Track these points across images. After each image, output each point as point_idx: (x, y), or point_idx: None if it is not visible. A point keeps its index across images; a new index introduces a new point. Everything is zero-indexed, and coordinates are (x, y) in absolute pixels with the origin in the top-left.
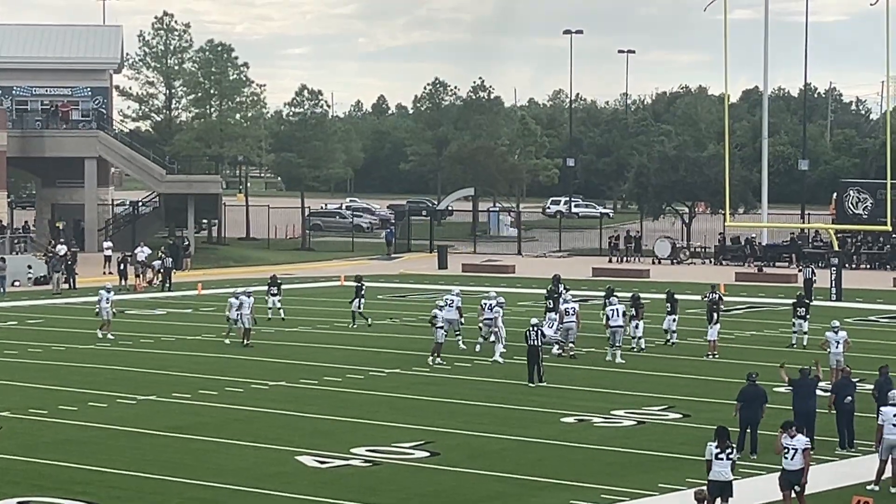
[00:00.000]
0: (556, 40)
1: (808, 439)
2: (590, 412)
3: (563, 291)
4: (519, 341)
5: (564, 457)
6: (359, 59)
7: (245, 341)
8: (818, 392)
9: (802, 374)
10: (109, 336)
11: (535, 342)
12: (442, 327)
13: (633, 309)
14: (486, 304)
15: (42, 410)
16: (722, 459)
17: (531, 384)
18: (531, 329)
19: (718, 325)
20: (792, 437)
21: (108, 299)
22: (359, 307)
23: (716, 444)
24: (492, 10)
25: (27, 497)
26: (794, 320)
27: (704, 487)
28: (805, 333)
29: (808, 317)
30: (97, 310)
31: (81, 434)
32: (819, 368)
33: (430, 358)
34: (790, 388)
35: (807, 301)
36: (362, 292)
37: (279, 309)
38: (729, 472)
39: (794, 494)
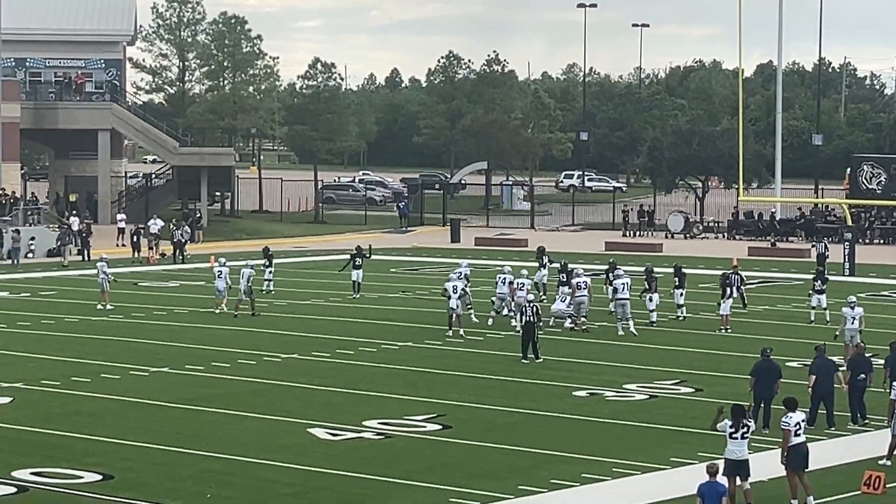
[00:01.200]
0: (569, 13)
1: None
2: (602, 386)
3: (549, 262)
4: None
5: (576, 430)
6: (371, 32)
7: (237, 311)
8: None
9: (818, 351)
10: (108, 306)
11: (531, 318)
12: (461, 295)
13: (647, 283)
14: (501, 278)
15: (55, 382)
16: (736, 438)
17: (524, 360)
18: (527, 305)
19: (731, 300)
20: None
21: (105, 270)
22: (359, 278)
23: (730, 422)
24: None
25: (40, 468)
26: (811, 293)
27: (718, 462)
28: (825, 309)
29: (825, 290)
30: (106, 280)
31: (94, 406)
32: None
33: (450, 331)
34: (812, 374)
35: (825, 276)
36: (360, 262)
37: (269, 282)
38: (745, 451)
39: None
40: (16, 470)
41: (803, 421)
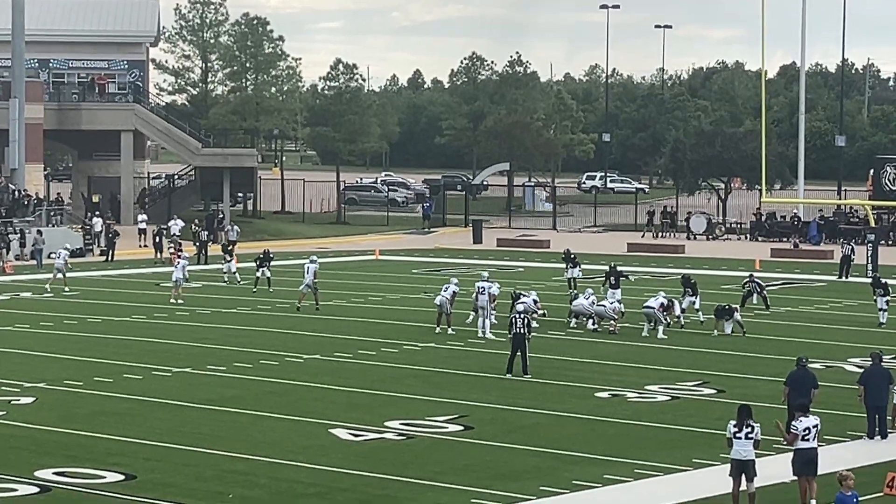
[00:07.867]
0: (591, 15)
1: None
2: (624, 387)
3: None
4: (551, 318)
5: (598, 431)
6: (393, 33)
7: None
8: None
9: (873, 359)
10: (48, 287)
11: (521, 330)
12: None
13: (688, 288)
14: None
15: (78, 382)
16: (741, 438)
17: (509, 374)
18: (518, 316)
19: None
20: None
21: (63, 256)
22: (264, 274)
23: (734, 422)
24: None
25: (63, 468)
26: (876, 299)
27: (846, 472)
28: (883, 310)
29: (886, 295)
30: (65, 267)
31: (117, 406)
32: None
33: (438, 327)
34: (861, 384)
35: (883, 281)
36: (268, 262)
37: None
38: (749, 451)
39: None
40: (38, 470)
41: (815, 427)
